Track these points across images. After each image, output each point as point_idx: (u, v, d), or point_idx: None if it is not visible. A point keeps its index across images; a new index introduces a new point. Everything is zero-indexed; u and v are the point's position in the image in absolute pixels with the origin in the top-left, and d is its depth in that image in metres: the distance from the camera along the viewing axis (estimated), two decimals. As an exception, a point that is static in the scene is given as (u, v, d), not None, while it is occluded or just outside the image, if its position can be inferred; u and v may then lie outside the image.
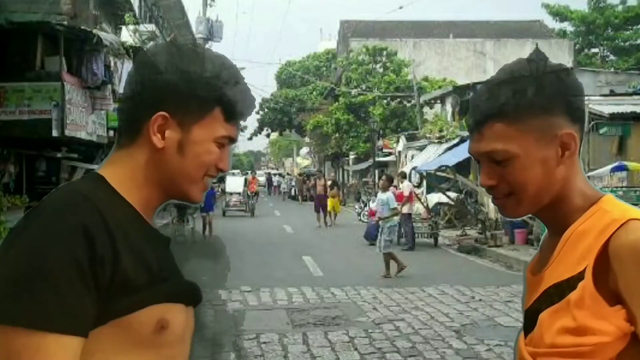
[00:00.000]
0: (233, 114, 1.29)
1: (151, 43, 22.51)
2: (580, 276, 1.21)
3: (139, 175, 1.26)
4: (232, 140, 1.32)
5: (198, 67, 1.26)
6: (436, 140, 25.72)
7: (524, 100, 1.26)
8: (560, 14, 38.06)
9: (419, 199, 19.24)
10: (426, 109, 33.14)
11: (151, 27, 23.75)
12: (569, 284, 1.22)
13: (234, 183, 32.13)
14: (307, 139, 55.71)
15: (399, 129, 34.84)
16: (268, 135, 66.70)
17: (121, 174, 1.26)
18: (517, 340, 1.34)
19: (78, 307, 1.09)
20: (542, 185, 1.27)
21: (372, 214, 17.63)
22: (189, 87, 1.25)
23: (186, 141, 1.25)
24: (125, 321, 1.14)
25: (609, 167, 13.22)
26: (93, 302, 1.10)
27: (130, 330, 1.15)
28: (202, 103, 1.26)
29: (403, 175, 19.20)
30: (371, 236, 16.35)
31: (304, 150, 67.86)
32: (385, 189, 13.42)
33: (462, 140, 22.48)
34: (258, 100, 55.45)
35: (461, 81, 30.26)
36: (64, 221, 1.13)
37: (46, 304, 1.06)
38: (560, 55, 35.03)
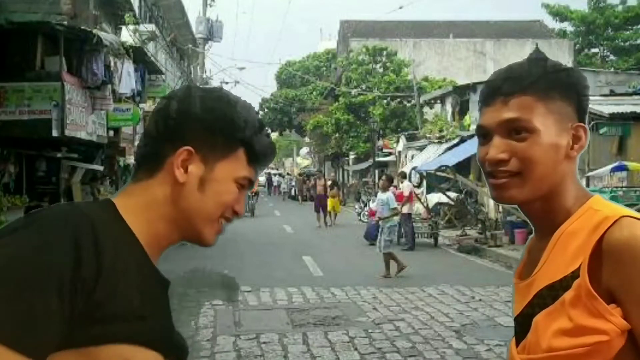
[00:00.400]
0: (256, 157, 1.29)
1: (151, 43, 22.53)
2: (574, 275, 1.19)
3: (153, 209, 1.23)
4: (251, 183, 1.31)
5: (225, 106, 1.27)
6: (436, 140, 25.73)
7: (556, 81, 1.27)
8: (560, 14, 38.07)
9: (419, 199, 19.24)
10: (426, 109, 33.15)
11: (151, 27, 23.75)
12: (563, 284, 1.20)
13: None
14: (307, 139, 55.73)
15: (399, 129, 34.85)
16: (268, 136, 66.65)
17: (134, 205, 1.23)
18: (509, 349, 1.31)
19: (46, 327, 1.02)
20: (549, 172, 1.25)
21: (372, 214, 17.63)
22: (216, 124, 1.25)
23: (208, 178, 1.24)
24: (86, 352, 1.07)
25: (609, 167, 13.22)
26: (63, 323, 1.04)
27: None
28: (227, 141, 1.25)
29: (403, 175, 19.21)
30: (371, 236, 16.35)
31: (304, 150, 67.87)
32: (385, 189, 13.42)
33: (462, 140, 22.51)
34: (258, 100, 55.48)
35: (461, 81, 30.26)
36: (56, 233, 1.08)
37: (14, 315, 1.00)
38: (560, 55, 35.03)
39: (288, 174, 63.59)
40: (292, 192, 46.32)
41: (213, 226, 1.27)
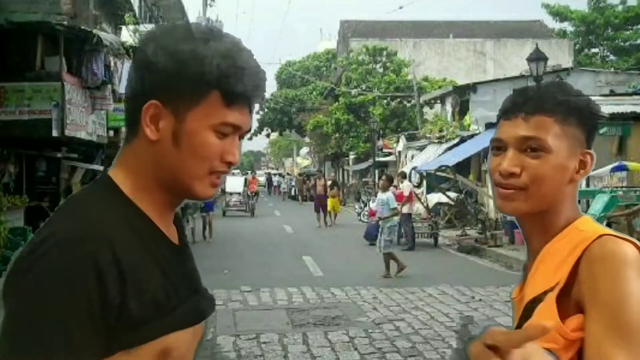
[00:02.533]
0: (233, 96, 1.14)
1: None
2: (552, 289, 1.25)
3: (142, 176, 1.17)
4: (238, 127, 1.17)
5: (189, 45, 1.13)
6: (436, 140, 25.71)
7: (576, 109, 1.35)
8: (560, 14, 38.05)
9: (419, 199, 19.24)
10: (426, 109, 33.13)
11: (151, 27, 23.74)
12: (541, 298, 1.26)
13: (234, 183, 32.11)
14: (307, 139, 55.71)
15: (399, 129, 34.84)
16: (268, 135, 66.67)
17: (128, 177, 1.17)
18: None
19: (85, 349, 1.03)
20: (553, 191, 1.32)
21: (372, 214, 17.63)
22: (180, 69, 1.12)
23: (181, 131, 1.14)
24: (128, 354, 1.09)
25: (609, 167, 13.20)
26: (100, 342, 1.05)
27: (134, 358, 1.10)
28: (195, 86, 1.13)
29: (403, 175, 19.20)
30: (371, 236, 16.35)
31: (304, 150, 67.87)
32: (385, 189, 13.41)
33: (462, 140, 22.49)
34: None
35: (461, 81, 30.24)
36: (75, 258, 1.04)
37: (54, 345, 1.01)
38: (560, 55, 35.04)
39: (288, 174, 63.59)
40: (292, 192, 46.32)
41: (202, 181, 1.17)
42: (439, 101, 30.63)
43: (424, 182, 23.65)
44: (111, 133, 16.82)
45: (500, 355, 0.87)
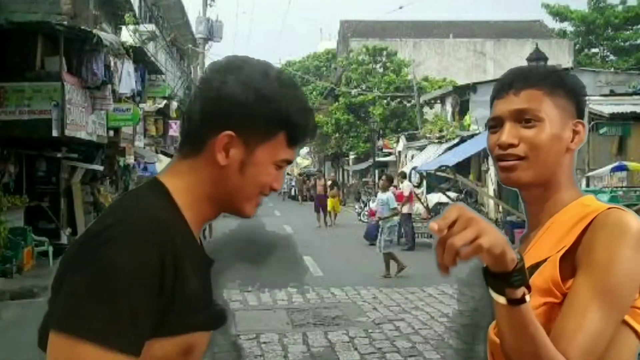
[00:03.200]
0: (296, 139, 1.30)
1: (151, 43, 22.52)
2: (557, 252, 1.31)
3: (199, 191, 1.28)
4: (290, 162, 1.34)
5: (268, 89, 1.26)
6: (436, 140, 25.71)
7: (560, 80, 1.45)
8: (560, 14, 38.06)
9: (419, 199, 19.23)
10: (426, 109, 33.14)
11: (151, 27, 23.75)
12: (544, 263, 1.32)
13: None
14: (307, 139, 55.63)
15: (399, 129, 34.84)
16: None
17: (183, 188, 1.27)
18: (487, 332, 1.41)
19: (143, 330, 1.13)
20: (552, 159, 1.40)
21: (372, 214, 17.63)
22: (258, 109, 1.25)
23: (248, 162, 1.27)
24: (161, 341, 1.18)
25: (609, 167, 13.20)
26: (151, 325, 1.14)
27: (162, 350, 1.18)
28: (268, 126, 1.26)
29: (403, 175, 19.20)
30: (371, 236, 16.35)
31: (304, 150, 67.82)
32: (385, 189, 13.41)
33: (462, 140, 22.49)
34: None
35: (461, 81, 30.25)
36: (145, 245, 1.14)
37: (119, 324, 1.09)
38: (560, 55, 35.05)
39: (288, 174, 63.51)
40: (292, 192, 46.30)
41: (252, 202, 1.33)
42: (439, 101, 30.63)
43: (424, 182, 23.64)
44: (111, 133, 16.83)
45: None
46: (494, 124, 1.45)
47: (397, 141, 32.80)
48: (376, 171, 34.19)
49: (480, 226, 1.18)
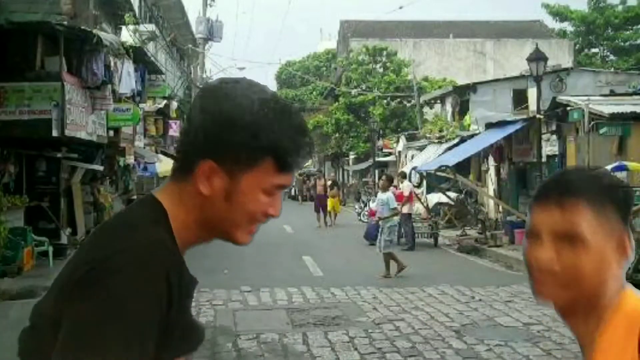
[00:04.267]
0: (286, 165, 1.23)
1: (151, 43, 22.52)
2: None
3: (188, 217, 1.24)
4: (285, 187, 1.27)
5: (250, 115, 1.20)
6: (436, 140, 25.72)
7: (612, 196, 1.25)
8: (560, 14, 38.06)
9: (419, 199, 19.23)
10: (426, 109, 33.14)
11: (151, 27, 23.75)
12: None
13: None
14: (307, 139, 55.64)
15: (399, 129, 34.84)
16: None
17: (175, 209, 1.24)
18: None
19: (149, 354, 1.11)
20: (595, 285, 1.23)
21: (372, 214, 17.63)
22: (238, 138, 1.20)
23: (234, 190, 1.22)
24: None
25: (609, 167, 13.16)
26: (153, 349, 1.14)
27: None
28: (251, 154, 1.20)
29: (403, 175, 19.20)
30: (371, 236, 16.35)
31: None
32: (385, 189, 13.41)
33: (462, 140, 22.50)
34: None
35: (461, 81, 30.26)
36: (152, 272, 1.12)
37: (132, 348, 1.08)
38: (560, 55, 35.04)
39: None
40: (292, 192, 46.29)
41: (244, 230, 1.27)
42: (439, 101, 30.64)
43: (424, 182, 23.64)
44: (111, 133, 16.83)
45: None
46: (531, 233, 1.27)
47: (397, 141, 32.80)
48: (376, 171, 34.19)
49: None
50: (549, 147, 16.86)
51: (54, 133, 12.51)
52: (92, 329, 1.07)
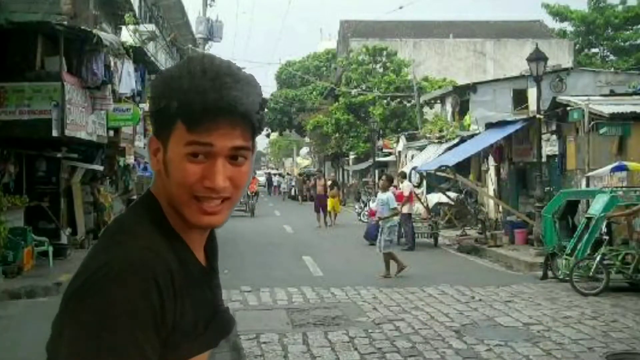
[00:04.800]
0: (193, 120, 1.15)
1: (151, 43, 22.51)
2: None
3: (164, 200, 1.23)
4: (209, 145, 1.16)
5: (161, 81, 1.21)
6: (436, 140, 25.71)
7: None
8: (560, 14, 38.07)
9: (419, 199, 19.23)
10: (426, 109, 33.14)
11: (151, 27, 23.76)
12: None
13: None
14: (307, 139, 55.71)
15: (399, 129, 34.83)
16: (268, 135, 66.72)
17: (162, 201, 1.23)
18: None
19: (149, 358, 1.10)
20: None
21: (372, 214, 17.63)
22: (155, 104, 1.20)
23: (166, 160, 1.19)
24: None
25: (609, 167, 13.19)
26: (157, 354, 1.12)
27: None
28: (166, 118, 1.18)
29: (403, 175, 19.20)
30: (371, 236, 16.35)
31: (304, 150, 67.86)
32: (385, 189, 13.41)
33: (462, 140, 22.49)
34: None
35: (461, 81, 30.25)
36: (141, 281, 1.11)
37: (131, 357, 1.07)
38: (560, 55, 35.04)
39: (288, 174, 63.57)
40: (292, 192, 46.30)
41: (190, 207, 1.19)
42: (439, 101, 30.64)
43: (424, 182, 23.65)
44: (111, 133, 16.82)
45: None
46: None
47: (397, 141, 32.79)
48: (376, 171, 34.19)
49: None
50: (549, 147, 16.85)
51: (54, 133, 12.51)
52: (87, 339, 1.07)
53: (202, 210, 1.19)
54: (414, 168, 24.23)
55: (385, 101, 36.20)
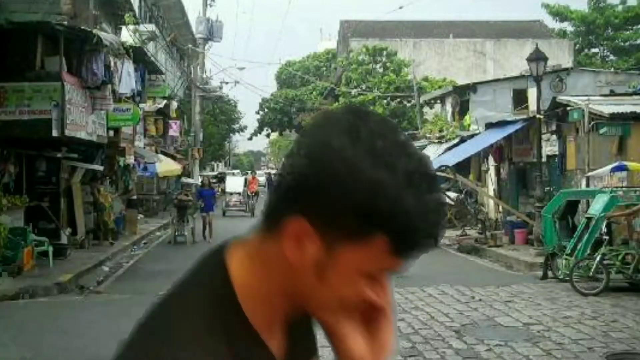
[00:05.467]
0: (405, 248, 0.88)
1: (151, 43, 22.52)
2: None
3: (272, 284, 0.95)
4: (394, 272, 0.93)
5: (370, 167, 0.85)
6: (436, 140, 25.72)
7: None
8: (560, 14, 38.07)
9: (419, 199, 19.21)
10: (426, 109, 33.15)
11: (151, 27, 23.78)
12: None
13: (234, 183, 32.16)
14: (307, 139, 55.60)
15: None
16: (268, 135, 66.68)
17: (252, 284, 0.95)
18: None
19: None
20: None
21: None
22: (349, 197, 0.85)
23: (327, 266, 0.89)
24: None
25: (609, 167, 13.20)
26: None
27: None
28: (359, 224, 0.86)
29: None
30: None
31: (304, 150, 67.67)
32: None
33: (462, 140, 22.50)
34: (258, 101, 55.41)
35: (461, 81, 30.25)
36: None
37: None
38: (560, 55, 35.04)
39: (288, 173, 63.45)
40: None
41: (335, 315, 0.95)
42: (439, 101, 30.65)
43: (424, 182, 23.61)
44: (111, 133, 16.84)
45: None
46: None
47: (397, 141, 32.79)
48: (376, 171, 34.15)
49: None
50: (549, 147, 16.86)
51: (54, 133, 12.51)
52: None
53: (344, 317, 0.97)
54: (414, 168, 24.19)
55: (385, 101, 36.21)
